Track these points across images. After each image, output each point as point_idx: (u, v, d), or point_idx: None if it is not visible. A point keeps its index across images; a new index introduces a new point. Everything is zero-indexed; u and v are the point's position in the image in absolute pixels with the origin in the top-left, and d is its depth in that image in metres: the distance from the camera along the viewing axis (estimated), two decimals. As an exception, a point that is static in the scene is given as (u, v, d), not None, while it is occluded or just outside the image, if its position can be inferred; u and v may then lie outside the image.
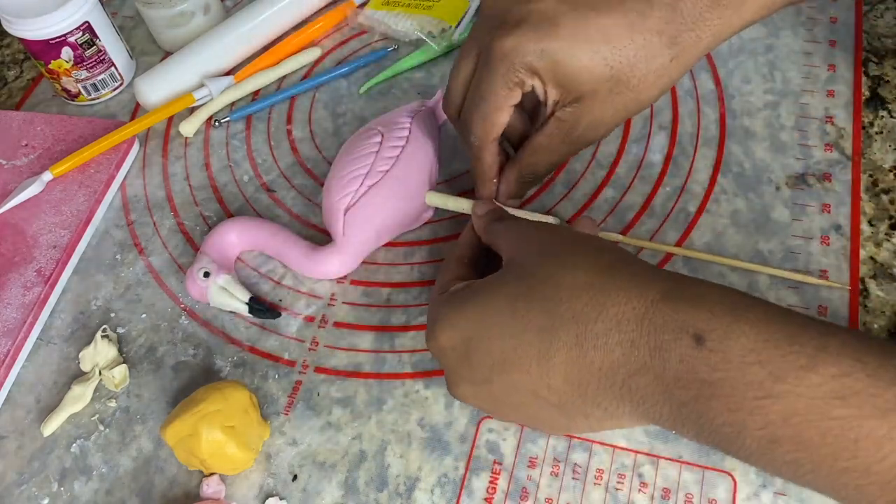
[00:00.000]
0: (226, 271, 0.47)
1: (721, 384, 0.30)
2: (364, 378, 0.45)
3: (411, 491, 0.41)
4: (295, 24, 0.63)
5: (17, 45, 0.67)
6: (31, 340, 0.48)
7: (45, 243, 0.51)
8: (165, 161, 0.57)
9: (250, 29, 0.61)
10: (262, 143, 0.57)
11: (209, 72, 0.60)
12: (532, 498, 0.40)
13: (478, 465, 0.41)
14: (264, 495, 0.41)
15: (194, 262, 0.48)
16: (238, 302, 0.47)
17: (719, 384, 0.30)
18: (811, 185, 0.49)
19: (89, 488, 0.43)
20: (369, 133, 0.48)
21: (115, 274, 0.51)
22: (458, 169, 0.53)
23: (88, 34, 0.57)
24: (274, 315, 0.47)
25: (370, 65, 0.60)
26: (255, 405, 0.42)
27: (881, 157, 0.50)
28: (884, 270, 0.45)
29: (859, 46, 0.55)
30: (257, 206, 0.53)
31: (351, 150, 0.47)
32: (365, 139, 0.47)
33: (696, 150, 0.51)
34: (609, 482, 0.40)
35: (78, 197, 0.54)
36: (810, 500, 0.38)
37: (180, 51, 0.60)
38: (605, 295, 0.33)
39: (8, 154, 0.57)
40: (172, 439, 0.40)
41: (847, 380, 0.29)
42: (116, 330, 0.49)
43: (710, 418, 0.31)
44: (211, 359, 0.47)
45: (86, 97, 0.61)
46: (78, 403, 0.45)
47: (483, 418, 0.43)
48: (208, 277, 0.47)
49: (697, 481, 0.40)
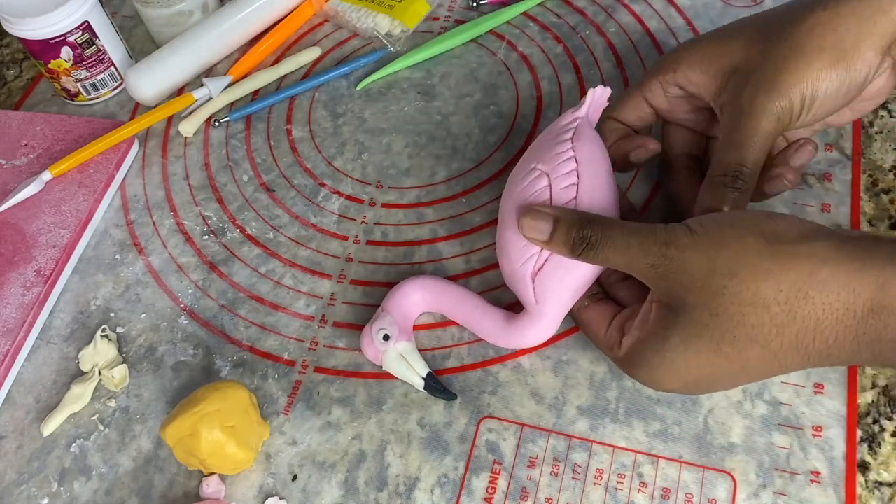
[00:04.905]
0: (406, 337, 0.44)
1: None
2: (364, 378, 0.45)
3: (411, 491, 0.41)
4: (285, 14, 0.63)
5: (17, 45, 0.67)
6: (30, 340, 0.48)
7: (44, 243, 0.51)
8: (165, 161, 0.57)
9: (239, 20, 0.61)
10: (262, 142, 0.57)
11: (199, 62, 0.60)
12: (532, 498, 0.40)
13: (478, 464, 0.41)
14: (264, 495, 0.41)
15: (374, 320, 0.44)
16: (414, 374, 0.43)
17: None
18: (811, 185, 0.49)
19: (89, 488, 0.43)
20: (530, 174, 0.41)
21: (115, 274, 0.51)
22: (459, 168, 0.53)
23: (88, 34, 0.57)
24: (450, 397, 0.43)
25: (370, 64, 0.60)
26: (254, 405, 0.42)
27: (881, 156, 0.50)
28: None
29: (859, 46, 0.55)
30: (257, 205, 0.53)
31: (518, 203, 0.41)
32: (529, 186, 0.41)
33: (695, 150, 0.51)
34: (609, 482, 0.40)
35: (77, 196, 0.54)
36: (810, 500, 0.38)
37: (169, 43, 0.60)
38: (810, 304, 0.33)
39: (7, 154, 0.57)
40: (172, 439, 0.40)
41: None
42: (116, 330, 0.48)
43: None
44: (211, 359, 0.47)
45: (85, 97, 0.61)
46: (77, 403, 0.45)
47: (483, 418, 0.43)
48: (388, 341, 0.43)
49: (697, 481, 0.39)
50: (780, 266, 0.34)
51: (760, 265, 0.34)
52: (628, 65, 0.57)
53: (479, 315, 0.44)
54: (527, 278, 0.41)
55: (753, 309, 0.34)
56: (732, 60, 0.42)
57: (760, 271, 0.34)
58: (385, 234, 0.51)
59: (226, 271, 0.50)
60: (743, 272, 0.34)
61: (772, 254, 0.34)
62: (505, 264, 0.42)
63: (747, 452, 0.40)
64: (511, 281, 0.42)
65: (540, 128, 0.54)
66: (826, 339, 0.34)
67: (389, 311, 0.44)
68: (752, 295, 0.34)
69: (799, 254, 0.34)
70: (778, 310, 0.34)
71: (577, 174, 0.40)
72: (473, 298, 0.44)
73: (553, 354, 0.44)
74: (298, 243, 0.51)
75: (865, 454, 0.40)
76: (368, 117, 0.57)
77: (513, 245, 0.41)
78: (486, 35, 0.61)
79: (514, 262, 0.41)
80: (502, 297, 0.46)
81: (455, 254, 0.49)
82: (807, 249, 0.34)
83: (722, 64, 0.42)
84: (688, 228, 0.36)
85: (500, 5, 0.62)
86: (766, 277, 0.34)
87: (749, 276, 0.34)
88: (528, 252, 0.40)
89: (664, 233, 0.36)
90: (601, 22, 0.60)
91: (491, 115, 0.56)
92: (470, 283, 0.47)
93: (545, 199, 0.40)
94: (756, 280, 0.34)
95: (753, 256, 0.34)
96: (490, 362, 0.44)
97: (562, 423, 0.42)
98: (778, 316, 0.34)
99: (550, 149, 0.42)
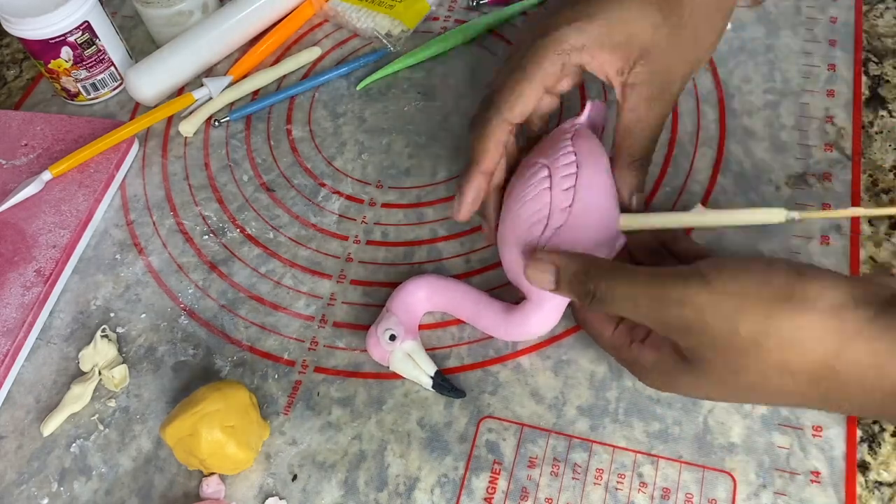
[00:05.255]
0: (412, 336, 0.43)
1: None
2: (364, 378, 0.45)
3: (411, 491, 0.41)
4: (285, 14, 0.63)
5: (17, 45, 0.67)
6: (30, 340, 0.48)
7: (44, 243, 0.51)
8: (165, 161, 0.57)
9: (239, 20, 0.61)
10: (262, 142, 0.57)
11: (199, 62, 0.60)
12: (532, 498, 0.40)
13: (478, 464, 0.41)
14: (264, 495, 0.41)
15: (379, 321, 0.44)
16: (422, 374, 0.43)
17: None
18: (811, 185, 0.49)
19: (89, 488, 0.43)
20: (532, 168, 0.42)
21: (115, 274, 0.51)
22: (459, 168, 0.53)
23: (88, 34, 0.57)
24: (459, 395, 0.43)
25: (370, 64, 0.60)
26: (254, 405, 0.42)
27: (881, 156, 0.50)
28: (884, 270, 0.45)
29: (859, 46, 0.55)
30: (257, 205, 0.53)
31: (520, 194, 0.42)
32: (531, 177, 0.42)
33: (695, 150, 0.51)
34: (609, 482, 0.40)
35: (77, 196, 0.53)
36: (810, 500, 0.38)
37: (169, 43, 0.60)
38: (836, 378, 0.33)
39: (7, 154, 0.57)
40: (172, 439, 0.40)
41: None
42: (116, 330, 0.48)
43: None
44: (211, 359, 0.47)
45: (85, 97, 0.60)
46: (77, 403, 0.45)
47: (483, 418, 0.43)
48: (394, 341, 0.43)
49: (697, 481, 0.39)
50: (809, 337, 0.32)
51: (787, 334, 0.32)
52: (628, 65, 0.57)
53: (481, 309, 0.44)
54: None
55: (778, 373, 0.33)
56: (641, 41, 0.41)
57: (786, 342, 0.32)
58: (385, 234, 0.51)
59: (226, 271, 0.50)
60: (769, 342, 0.32)
61: (800, 325, 0.32)
62: (507, 254, 0.42)
63: (747, 452, 0.40)
64: (514, 272, 0.42)
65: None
66: (851, 402, 0.34)
67: (394, 311, 0.44)
68: (776, 362, 0.33)
69: (829, 327, 0.32)
70: (803, 378, 0.33)
71: (577, 165, 0.41)
72: (476, 294, 0.44)
73: (553, 354, 0.44)
74: (298, 243, 0.51)
75: (865, 454, 0.40)
76: (368, 117, 0.57)
77: (512, 233, 0.42)
78: (486, 35, 0.61)
79: (514, 250, 0.41)
80: (503, 296, 0.46)
81: (455, 254, 0.49)
82: (837, 323, 0.32)
83: (630, 46, 0.41)
84: (703, 280, 0.34)
85: (500, 5, 0.62)
86: (792, 347, 0.32)
87: (775, 347, 0.32)
88: (529, 238, 0.41)
89: (676, 288, 0.34)
90: (601, 22, 0.60)
91: (491, 115, 0.56)
92: (470, 283, 0.47)
93: (546, 188, 0.41)
94: (782, 351, 0.32)
95: (780, 323, 0.32)
96: (490, 362, 0.44)
97: (562, 423, 0.42)
98: (802, 383, 0.33)
99: (551, 146, 0.43)
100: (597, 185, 0.41)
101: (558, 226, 0.40)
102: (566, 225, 0.40)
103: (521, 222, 0.41)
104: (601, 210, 0.41)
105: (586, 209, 0.40)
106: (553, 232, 0.40)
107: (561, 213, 0.40)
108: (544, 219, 0.40)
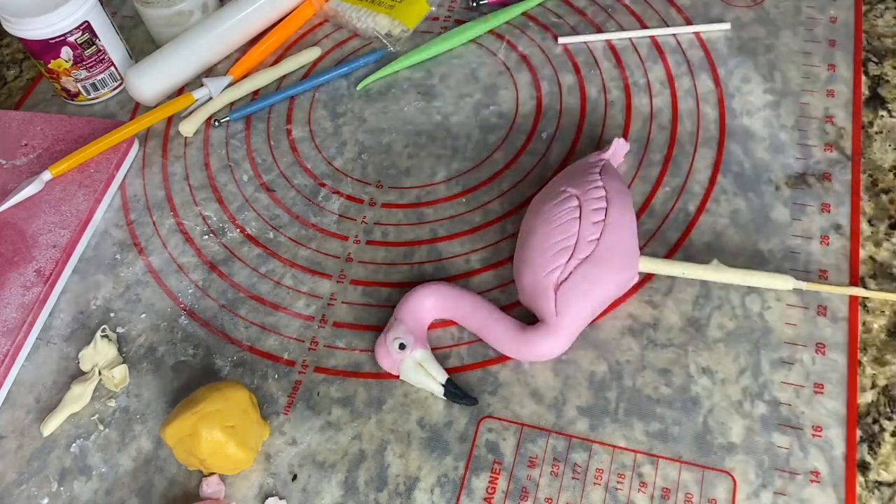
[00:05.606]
0: (421, 345, 0.43)
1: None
2: (364, 378, 0.45)
3: (411, 491, 0.41)
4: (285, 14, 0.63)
5: (17, 45, 0.67)
6: (30, 340, 0.48)
7: (44, 243, 0.51)
8: (165, 161, 0.57)
9: (239, 20, 0.61)
10: (262, 142, 0.57)
11: (199, 62, 0.60)
12: (532, 498, 0.40)
13: (478, 464, 0.41)
14: (264, 495, 0.41)
15: (388, 330, 0.44)
16: (433, 382, 0.43)
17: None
18: (811, 185, 0.49)
19: (89, 488, 0.43)
20: (562, 196, 0.44)
21: (115, 274, 0.51)
22: (459, 168, 0.53)
23: (88, 34, 0.57)
24: (471, 402, 0.43)
25: (370, 64, 0.60)
26: (254, 405, 0.42)
27: (881, 156, 0.50)
28: (883, 270, 0.45)
29: (859, 46, 0.55)
30: (257, 205, 0.53)
31: (548, 218, 0.43)
32: (560, 204, 0.43)
33: (695, 150, 0.52)
34: (609, 482, 0.40)
35: (77, 196, 0.54)
36: (810, 500, 0.38)
37: (169, 43, 0.60)
38: None
39: (7, 154, 0.57)
40: (172, 439, 0.40)
41: None
42: (116, 330, 0.48)
43: None
44: (211, 359, 0.47)
45: (85, 97, 0.61)
46: (77, 403, 0.45)
47: (483, 418, 0.43)
48: (404, 350, 0.43)
49: (697, 481, 0.40)
50: None
51: None
52: (628, 65, 0.57)
53: (492, 323, 0.44)
54: (550, 289, 0.42)
55: None
56: None
57: None
58: (385, 234, 0.51)
59: (226, 271, 0.50)
60: None
61: None
62: (527, 275, 0.43)
63: (747, 452, 0.40)
64: (532, 293, 0.43)
65: (540, 127, 0.54)
66: None
67: (403, 319, 0.44)
68: None
69: None
70: None
71: (606, 201, 0.43)
72: (487, 306, 0.44)
73: (553, 354, 0.44)
74: (298, 243, 0.51)
75: (865, 454, 0.40)
76: (368, 117, 0.57)
77: (539, 255, 0.42)
78: (486, 35, 0.61)
79: (538, 273, 0.42)
80: (500, 299, 0.47)
81: (455, 254, 0.49)
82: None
83: None
84: None
85: (500, 5, 0.62)
86: None
87: None
88: (553, 263, 0.42)
89: None
90: (601, 22, 0.60)
91: (491, 115, 0.56)
92: (470, 283, 0.47)
93: (575, 217, 0.43)
94: None
95: None
96: (490, 362, 0.45)
97: (562, 423, 0.42)
98: None
99: (581, 177, 0.45)
100: (624, 224, 0.43)
101: (584, 256, 0.42)
102: (591, 257, 0.42)
103: (547, 246, 0.42)
104: (625, 248, 0.43)
105: (612, 245, 0.42)
106: (579, 262, 0.42)
107: (588, 244, 0.42)
108: (571, 248, 0.42)
